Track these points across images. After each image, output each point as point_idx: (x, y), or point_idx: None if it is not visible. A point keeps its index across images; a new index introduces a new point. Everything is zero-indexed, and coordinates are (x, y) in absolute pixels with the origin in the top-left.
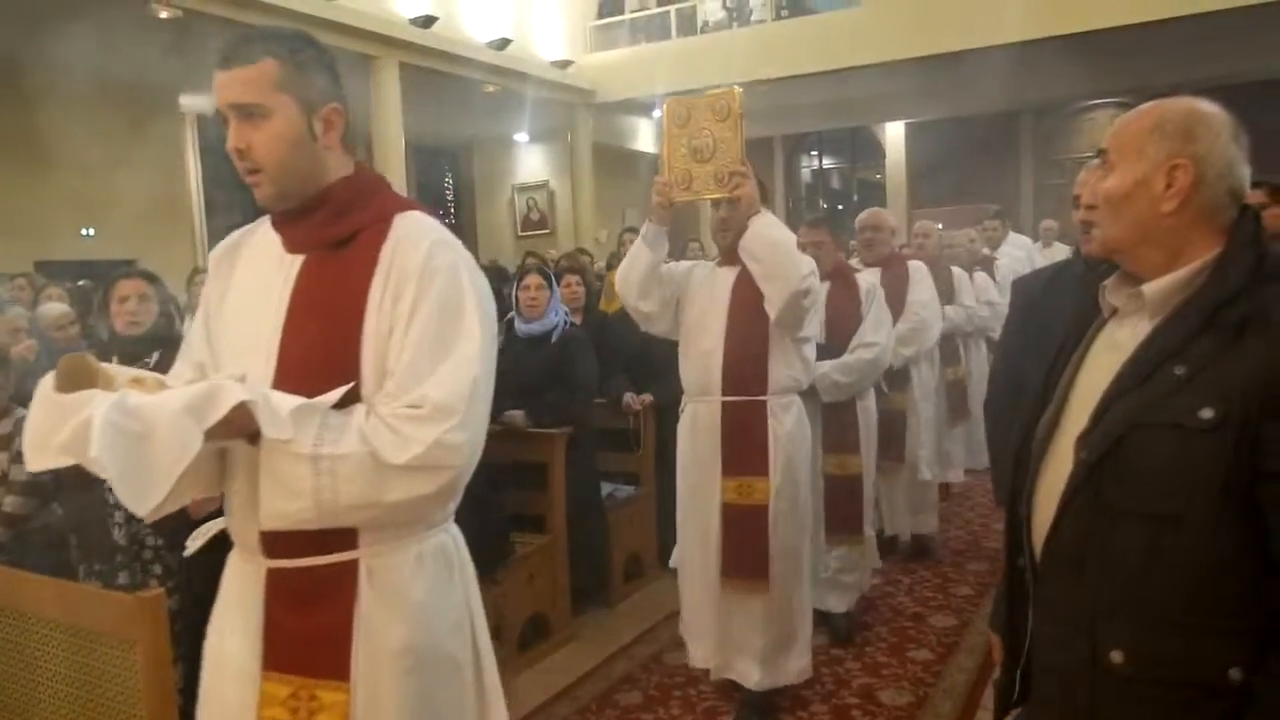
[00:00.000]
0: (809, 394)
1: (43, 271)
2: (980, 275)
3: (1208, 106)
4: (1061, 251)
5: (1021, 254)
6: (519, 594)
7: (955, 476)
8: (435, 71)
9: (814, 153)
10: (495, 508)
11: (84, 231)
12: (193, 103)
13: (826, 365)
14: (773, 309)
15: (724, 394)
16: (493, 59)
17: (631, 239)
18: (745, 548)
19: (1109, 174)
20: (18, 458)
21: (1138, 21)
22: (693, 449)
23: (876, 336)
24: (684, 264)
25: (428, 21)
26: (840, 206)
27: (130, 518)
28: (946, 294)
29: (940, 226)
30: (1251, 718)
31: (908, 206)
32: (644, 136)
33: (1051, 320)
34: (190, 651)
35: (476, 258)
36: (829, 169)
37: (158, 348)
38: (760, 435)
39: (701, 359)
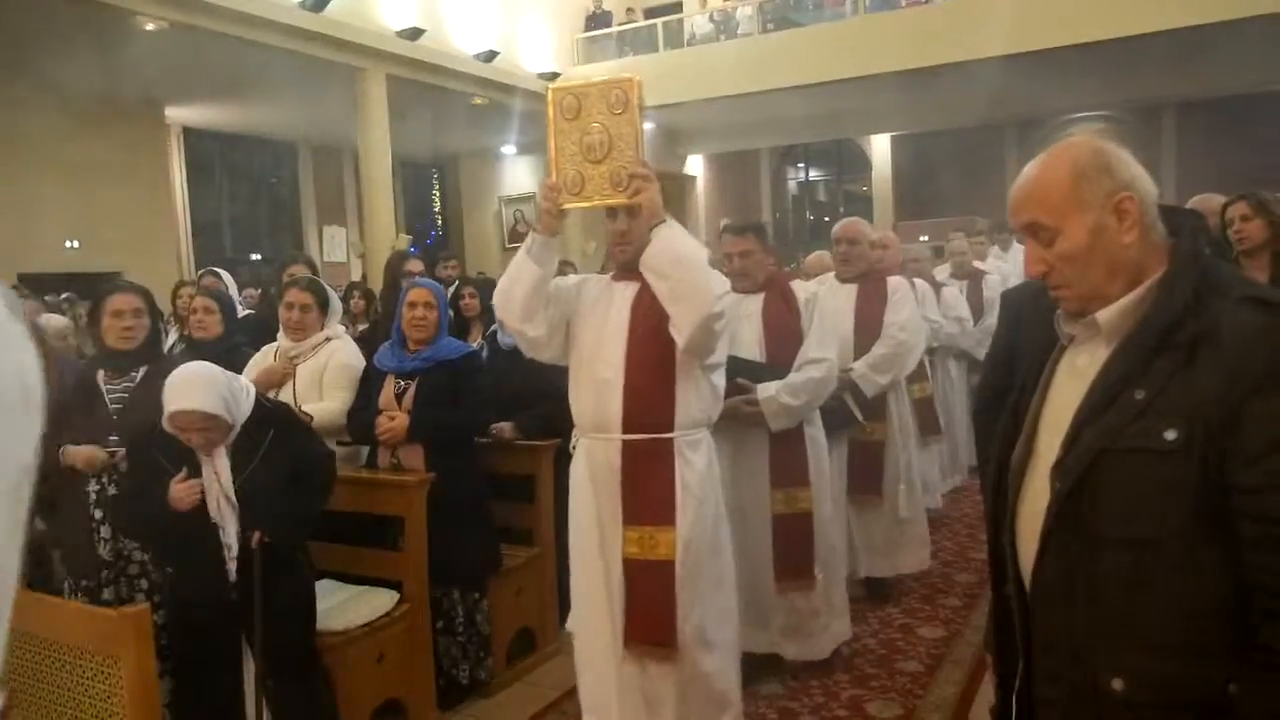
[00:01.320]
0: (742, 426)
1: (26, 283)
2: (949, 291)
3: (1099, 140)
4: None
5: (1010, 268)
6: (507, 607)
7: (933, 502)
8: (422, 84)
9: (800, 165)
10: (487, 518)
11: (68, 244)
12: (178, 115)
13: (773, 387)
14: (680, 334)
15: (624, 431)
16: (480, 71)
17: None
18: (651, 609)
19: (1053, 240)
20: None
21: (1123, 35)
22: (589, 495)
23: (823, 351)
24: (572, 278)
25: (415, 34)
26: (826, 218)
27: (115, 533)
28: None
29: (926, 239)
30: None
31: (894, 219)
32: None
33: (1038, 335)
34: (177, 666)
35: (464, 270)
36: (815, 181)
37: (145, 363)
38: (665, 479)
39: (597, 390)
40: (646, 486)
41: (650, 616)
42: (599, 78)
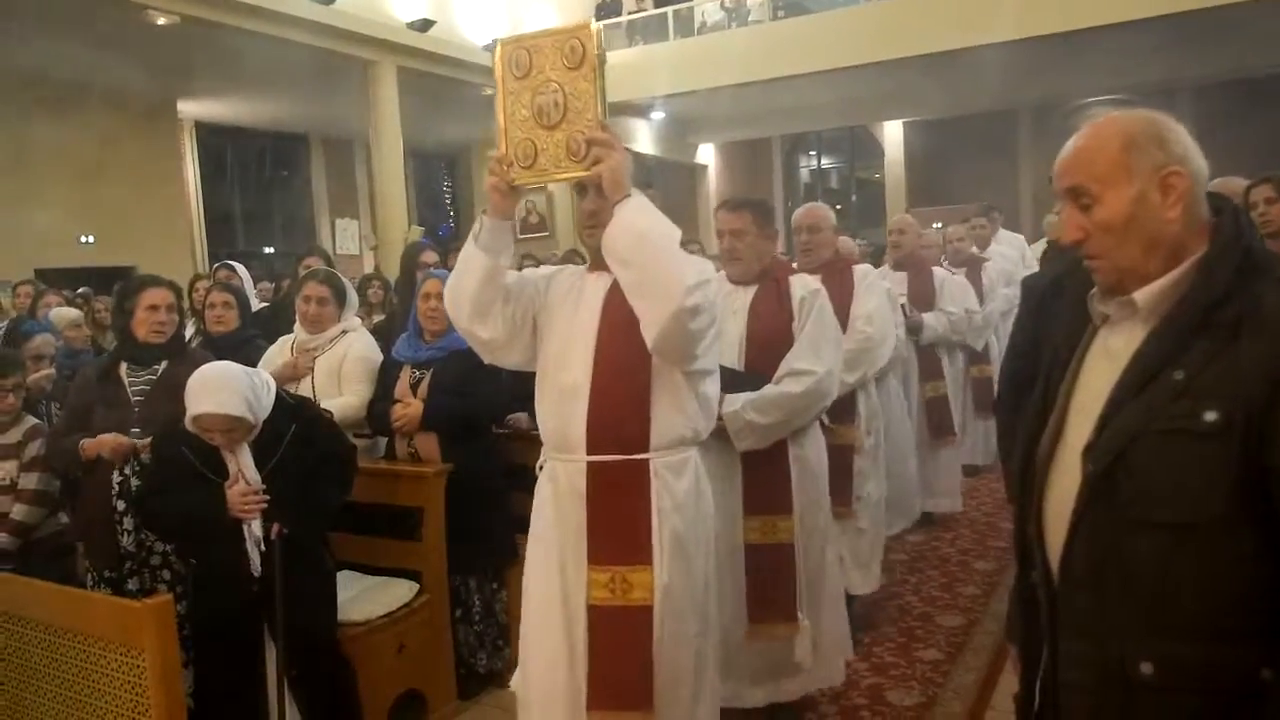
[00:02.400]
0: (717, 445)
1: (43, 278)
2: (958, 280)
3: (1156, 113)
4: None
5: (1014, 253)
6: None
7: (946, 506)
8: (433, 75)
9: (812, 152)
10: (504, 507)
11: (83, 238)
12: (190, 109)
13: (739, 400)
14: (648, 335)
15: (590, 450)
16: (490, 62)
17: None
18: (621, 666)
19: (1093, 207)
20: (28, 466)
21: (1137, 18)
22: (553, 525)
23: (812, 362)
24: (544, 269)
25: (425, 25)
26: (839, 206)
27: (138, 525)
28: (927, 298)
29: (939, 225)
30: (1270, 714)
31: (907, 205)
32: (642, 138)
33: (1054, 324)
34: (200, 656)
35: None
36: (827, 168)
37: (167, 357)
38: (639, 509)
39: (561, 401)
40: (616, 518)
41: (620, 675)
42: (555, 27)
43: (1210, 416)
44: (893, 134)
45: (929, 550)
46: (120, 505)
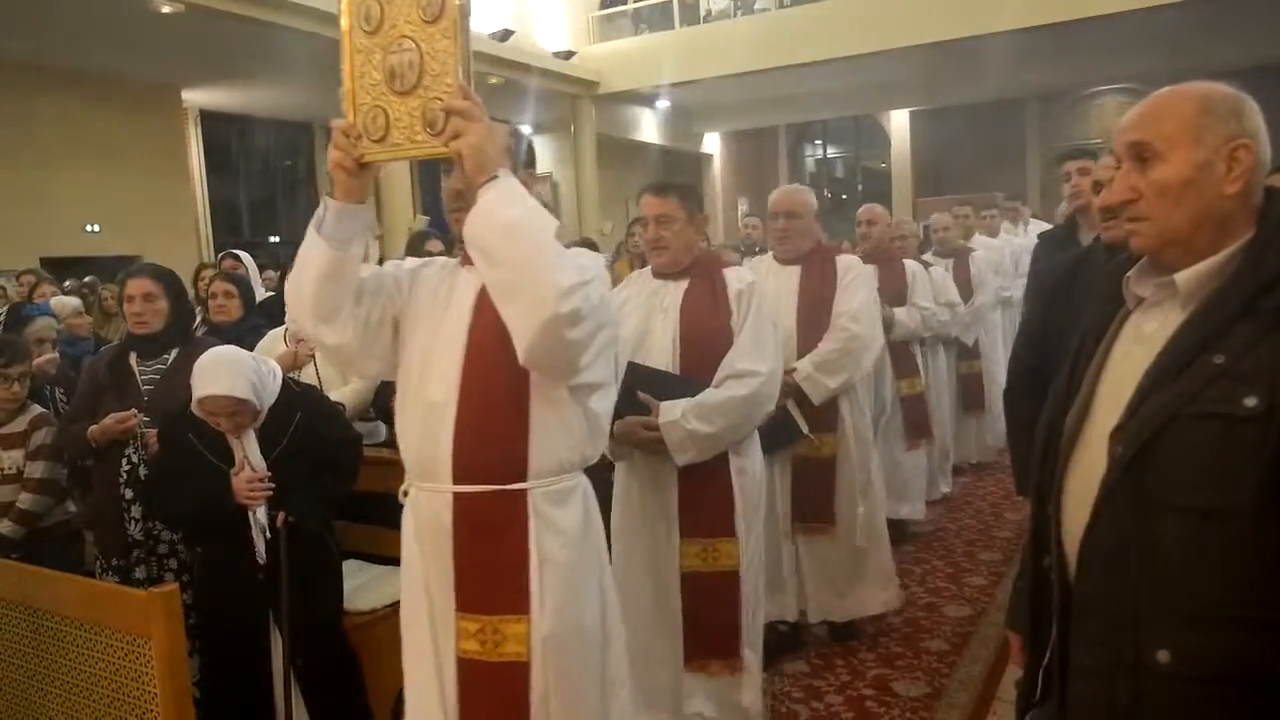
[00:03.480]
0: (647, 461)
1: (48, 267)
2: (936, 271)
3: (1239, 91)
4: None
5: (996, 242)
6: None
7: (914, 513)
8: None
9: (818, 142)
10: None
11: (89, 227)
12: (195, 98)
13: (678, 408)
14: (519, 344)
15: (456, 479)
16: (496, 50)
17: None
18: None
19: (1154, 164)
20: (34, 454)
21: (1147, 5)
22: (418, 563)
23: (755, 361)
24: (410, 263)
25: None
26: (844, 196)
27: (145, 513)
28: (898, 293)
29: (925, 220)
30: None
31: (913, 195)
32: (648, 127)
33: (1074, 312)
34: (206, 645)
35: None
36: (833, 158)
37: (175, 346)
38: (513, 548)
39: (424, 420)
40: (485, 559)
41: None
42: None
43: (1250, 402)
44: (899, 123)
45: (935, 541)
46: (128, 493)
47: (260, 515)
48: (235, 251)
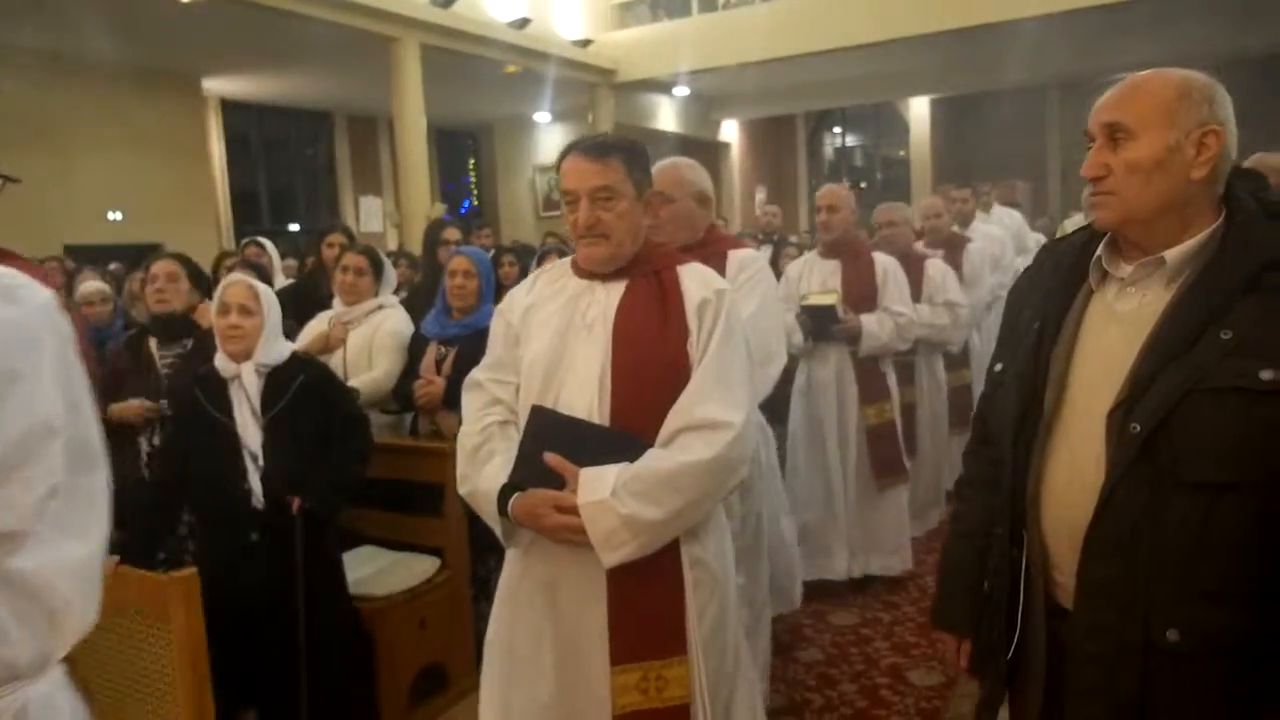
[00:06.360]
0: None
1: (71, 255)
2: (935, 264)
3: (1211, 78)
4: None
5: (997, 231)
6: None
7: (893, 566)
8: (456, 52)
9: (837, 130)
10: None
11: (111, 215)
12: (216, 86)
13: (608, 481)
14: None
15: None
16: (513, 39)
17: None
18: None
19: (1126, 143)
20: None
21: None
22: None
23: (722, 410)
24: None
25: (448, 1)
26: (863, 184)
27: (155, 480)
28: (866, 295)
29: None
30: None
31: (932, 183)
32: (665, 115)
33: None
34: (215, 627)
35: (498, 238)
36: (852, 146)
37: (192, 334)
38: None
39: None
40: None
41: None
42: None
43: (1267, 375)
44: (918, 111)
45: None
46: (148, 474)
47: (253, 480)
48: (259, 239)
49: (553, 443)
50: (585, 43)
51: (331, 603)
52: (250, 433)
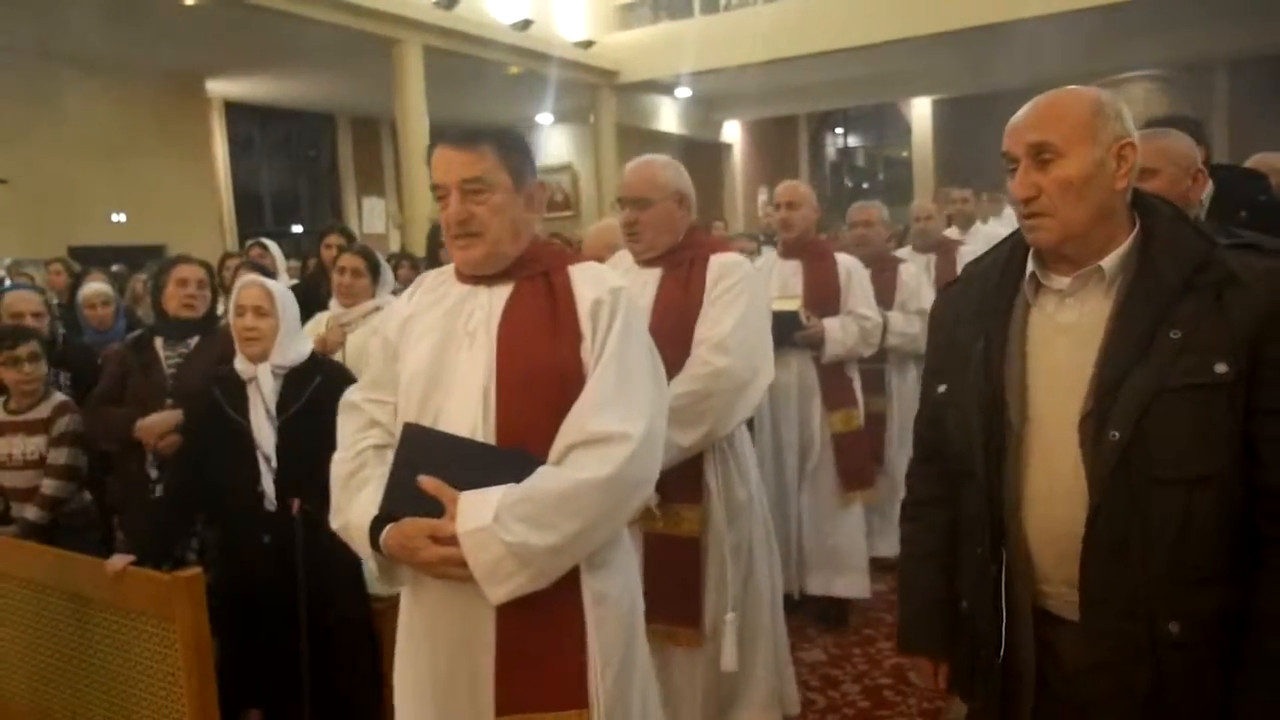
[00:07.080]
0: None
1: (75, 256)
2: (909, 269)
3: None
4: None
5: (1003, 232)
6: None
7: (852, 588)
8: (458, 54)
9: (839, 130)
10: None
11: (115, 217)
12: (219, 88)
13: (490, 505)
14: None
15: None
16: (515, 40)
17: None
18: None
19: (1055, 162)
20: (58, 441)
21: None
22: None
23: (618, 420)
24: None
25: (450, 3)
26: (865, 185)
27: (164, 480)
28: (828, 297)
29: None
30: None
31: (935, 184)
32: (667, 116)
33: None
34: (222, 627)
35: None
36: (854, 147)
37: (199, 332)
38: None
39: None
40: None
41: None
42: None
43: (1221, 368)
44: (921, 111)
45: None
46: (154, 474)
47: (267, 482)
48: (263, 241)
49: (429, 465)
50: (587, 44)
51: (346, 605)
52: (265, 435)
